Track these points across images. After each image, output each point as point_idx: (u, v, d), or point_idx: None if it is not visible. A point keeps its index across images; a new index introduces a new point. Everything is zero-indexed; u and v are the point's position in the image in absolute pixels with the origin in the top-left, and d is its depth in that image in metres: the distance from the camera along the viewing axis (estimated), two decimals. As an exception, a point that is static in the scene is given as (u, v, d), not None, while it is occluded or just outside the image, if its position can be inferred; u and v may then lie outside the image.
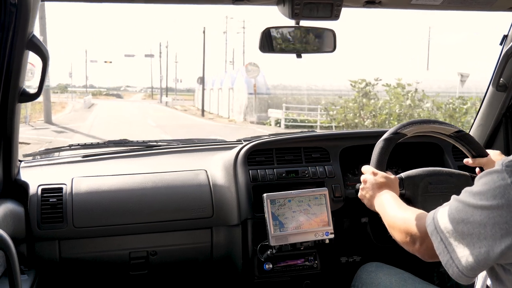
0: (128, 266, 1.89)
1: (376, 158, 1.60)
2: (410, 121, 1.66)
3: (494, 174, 1.01)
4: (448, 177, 1.65)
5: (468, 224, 1.01)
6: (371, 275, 1.63)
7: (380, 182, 1.52)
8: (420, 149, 2.20)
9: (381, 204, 1.46)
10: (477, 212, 1.00)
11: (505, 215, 0.96)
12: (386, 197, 1.46)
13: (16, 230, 1.67)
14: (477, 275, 1.06)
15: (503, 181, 0.98)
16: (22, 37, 1.45)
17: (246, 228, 1.95)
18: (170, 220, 1.90)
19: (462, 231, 1.02)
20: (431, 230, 1.10)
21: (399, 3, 1.75)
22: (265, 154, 2.06)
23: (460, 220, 1.03)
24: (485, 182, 1.01)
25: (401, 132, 1.63)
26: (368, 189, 1.55)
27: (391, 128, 1.66)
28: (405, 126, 1.63)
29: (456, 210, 1.05)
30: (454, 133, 1.65)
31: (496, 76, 2.09)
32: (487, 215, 0.98)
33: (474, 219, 1.00)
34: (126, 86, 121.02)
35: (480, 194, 1.01)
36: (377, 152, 1.61)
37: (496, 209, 0.97)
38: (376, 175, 1.55)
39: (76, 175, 1.94)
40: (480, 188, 1.02)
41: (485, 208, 0.99)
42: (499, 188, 0.98)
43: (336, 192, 2.02)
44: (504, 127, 2.22)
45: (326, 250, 2.01)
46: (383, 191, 1.50)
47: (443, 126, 1.66)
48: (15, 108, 1.58)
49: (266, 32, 1.62)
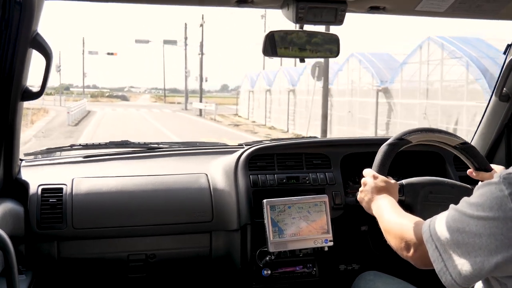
0: (126, 269, 1.88)
1: (378, 162, 1.60)
2: (416, 129, 1.65)
3: (492, 185, 1.01)
4: (449, 188, 1.64)
5: (464, 234, 1.01)
6: (369, 284, 1.62)
7: (380, 186, 1.52)
8: (422, 158, 2.19)
9: (379, 208, 1.46)
10: (473, 222, 1.00)
11: (501, 227, 0.96)
12: (384, 202, 1.46)
13: (15, 230, 1.66)
14: (470, 285, 1.06)
15: (500, 192, 0.98)
16: (26, 35, 1.45)
17: (246, 233, 1.94)
18: (169, 223, 1.90)
19: (458, 240, 1.02)
20: (426, 237, 1.10)
21: (404, 9, 1.75)
22: (266, 159, 2.06)
23: (456, 229, 1.03)
24: (483, 193, 1.02)
25: (406, 138, 1.62)
26: (367, 192, 1.54)
27: (396, 134, 1.65)
28: (411, 133, 1.62)
29: (453, 219, 1.05)
30: (459, 144, 1.64)
31: (499, 86, 2.08)
32: (483, 225, 0.98)
33: (470, 229, 1.00)
34: (130, 87, 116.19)
35: (477, 205, 1.01)
36: (380, 156, 1.60)
37: (492, 220, 0.97)
38: (376, 178, 1.54)
39: (77, 175, 1.94)
40: (478, 199, 1.02)
41: (481, 218, 0.99)
42: (496, 200, 0.98)
43: (336, 200, 2.01)
44: (506, 137, 2.21)
45: (325, 257, 2.00)
46: (381, 195, 1.49)
47: (449, 136, 1.65)
48: (17, 106, 1.58)
49: (270, 35, 1.62)
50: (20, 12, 1.39)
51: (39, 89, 1.61)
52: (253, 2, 1.57)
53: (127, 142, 2.30)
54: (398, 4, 1.68)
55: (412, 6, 1.66)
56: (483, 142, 2.28)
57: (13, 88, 1.52)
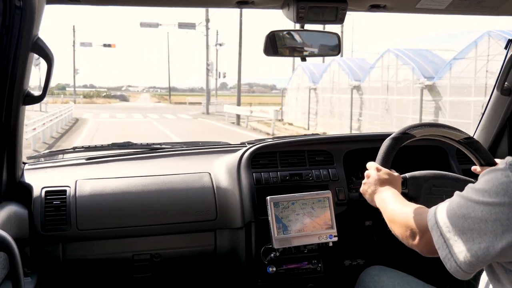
0: (131, 269, 1.89)
1: (382, 155, 1.60)
2: (420, 123, 1.65)
3: (498, 171, 1.02)
4: (453, 182, 1.64)
5: (469, 219, 1.02)
6: (374, 279, 1.63)
7: (383, 178, 1.52)
8: (425, 152, 2.19)
9: (382, 199, 1.46)
10: (479, 208, 1.01)
11: (507, 212, 0.98)
12: (387, 193, 1.46)
13: (20, 232, 1.67)
14: (475, 271, 1.06)
15: (506, 178, 0.99)
16: (27, 39, 1.45)
17: (250, 230, 1.95)
18: (173, 222, 1.90)
19: (463, 226, 1.03)
20: (431, 225, 1.11)
21: (404, 7, 1.75)
22: (269, 157, 2.06)
23: (461, 215, 1.04)
24: (489, 179, 1.03)
25: (410, 133, 1.62)
26: (370, 184, 1.55)
27: (400, 128, 1.65)
28: (415, 128, 1.63)
29: (458, 205, 1.06)
30: (463, 139, 1.65)
31: (500, 80, 2.09)
32: (488, 211, 0.99)
33: (476, 214, 1.01)
34: (127, 86, 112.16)
35: (483, 190, 1.02)
36: (383, 150, 1.61)
37: (498, 206, 0.98)
38: (379, 171, 1.55)
39: (80, 177, 1.94)
40: (484, 185, 1.03)
41: (487, 204, 1.00)
42: (502, 185, 0.99)
43: (340, 195, 2.02)
44: (508, 131, 2.22)
45: (329, 253, 2.01)
46: (384, 187, 1.50)
47: (453, 131, 1.65)
48: (19, 110, 1.59)
49: (271, 35, 1.63)
50: (20, 17, 1.39)
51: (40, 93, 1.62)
52: (254, 2, 1.57)
53: (130, 143, 2.30)
54: (398, 2, 1.67)
55: (412, 3, 1.66)
56: (485, 136, 2.28)
57: (15, 92, 1.52)
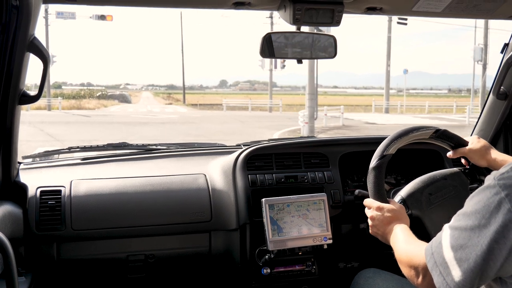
0: (126, 269, 1.88)
1: (373, 190, 1.55)
2: (389, 140, 1.60)
3: (487, 190, 1.00)
4: (443, 181, 1.63)
5: (467, 249, 1.00)
6: (368, 281, 1.63)
7: (388, 217, 1.48)
8: (419, 156, 2.20)
9: (392, 240, 1.43)
10: (475, 234, 0.99)
11: (501, 231, 0.96)
12: (395, 232, 1.43)
13: (14, 232, 1.67)
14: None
15: (497, 195, 0.97)
16: (23, 39, 1.45)
17: (245, 232, 1.95)
18: (168, 223, 1.90)
19: (460, 257, 1.01)
20: (431, 266, 1.09)
21: (401, 9, 1.75)
22: (265, 159, 2.06)
23: (459, 246, 1.02)
24: (479, 200, 1.01)
25: (386, 154, 1.57)
26: (379, 227, 1.50)
27: (375, 154, 1.59)
28: (387, 147, 1.58)
29: (453, 238, 1.04)
30: (433, 134, 1.64)
31: (496, 84, 2.09)
32: (484, 234, 0.98)
33: (472, 242, 0.99)
34: (125, 84, 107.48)
35: (476, 213, 1.00)
36: (371, 183, 1.55)
37: (494, 226, 0.97)
38: (381, 210, 1.49)
39: (75, 177, 1.94)
40: (475, 207, 1.01)
41: (482, 226, 0.98)
42: (494, 203, 0.97)
43: (335, 198, 2.02)
44: (504, 135, 2.22)
45: (324, 255, 2.01)
46: (392, 226, 1.46)
47: (421, 131, 1.63)
48: (15, 110, 1.59)
49: (267, 37, 1.63)
50: (17, 16, 1.39)
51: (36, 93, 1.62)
52: (250, 4, 1.57)
53: (125, 144, 2.30)
54: (394, 4, 1.68)
55: (409, 6, 1.66)
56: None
57: (10, 92, 1.52)
